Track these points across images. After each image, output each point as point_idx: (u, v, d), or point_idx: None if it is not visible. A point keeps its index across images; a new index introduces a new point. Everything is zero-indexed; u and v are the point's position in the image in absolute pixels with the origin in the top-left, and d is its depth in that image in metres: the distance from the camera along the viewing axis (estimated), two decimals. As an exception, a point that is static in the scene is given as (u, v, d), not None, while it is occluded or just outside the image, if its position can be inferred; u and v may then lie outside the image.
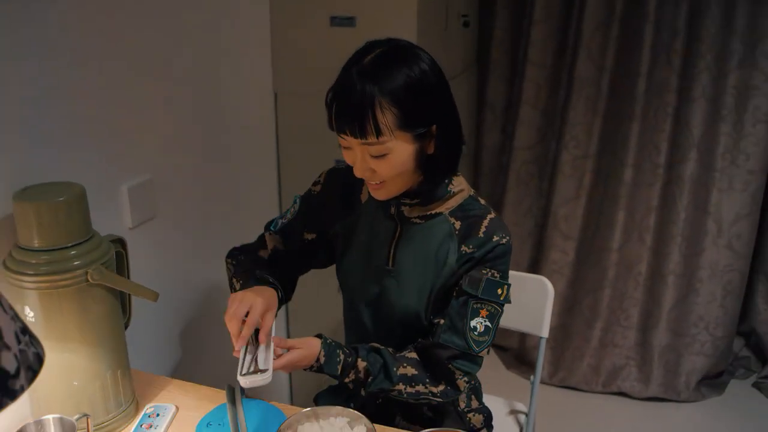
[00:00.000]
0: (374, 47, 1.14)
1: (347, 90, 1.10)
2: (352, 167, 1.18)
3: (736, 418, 2.56)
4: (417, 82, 1.11)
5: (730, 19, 2.31)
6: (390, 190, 1.20)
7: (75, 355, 1.11)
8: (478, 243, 1.22)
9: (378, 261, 1.30)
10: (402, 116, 1.10)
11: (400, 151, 1.13)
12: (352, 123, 1.10)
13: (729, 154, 2.44)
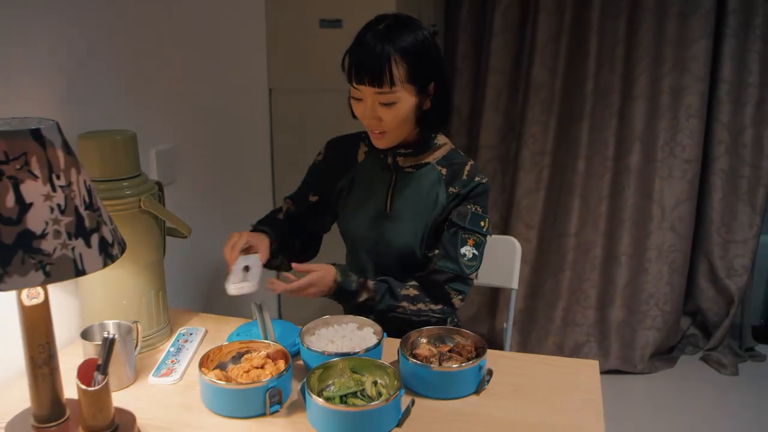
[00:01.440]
0: (384, 18, 1.40)
1: (367, 48, 1.34)
2: (354, 135, 1.46)
3: (687, 387, 2.82)
4: (421, 43, 1.36)
5: (663, 29, 2.65)
6: (391, 139, 1.43)
7: (126, 274, 1.31)
8: (463, 183, 1.47)
9: (377, 208, 1.53)
10: (410, 70, 1.34)
11: (405, 102, 1.37)
12: (371, 74, 1.32)
13: (668, 146, 2.76)
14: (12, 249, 0.87)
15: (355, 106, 1.41)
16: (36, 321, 1.01)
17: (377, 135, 1.43)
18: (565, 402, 1.19)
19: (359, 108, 1.40)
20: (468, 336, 1.30)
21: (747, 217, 2.80)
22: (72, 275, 0.91)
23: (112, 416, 1.05)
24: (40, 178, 0.90)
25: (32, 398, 1.05)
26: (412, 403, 1.14)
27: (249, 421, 1.12)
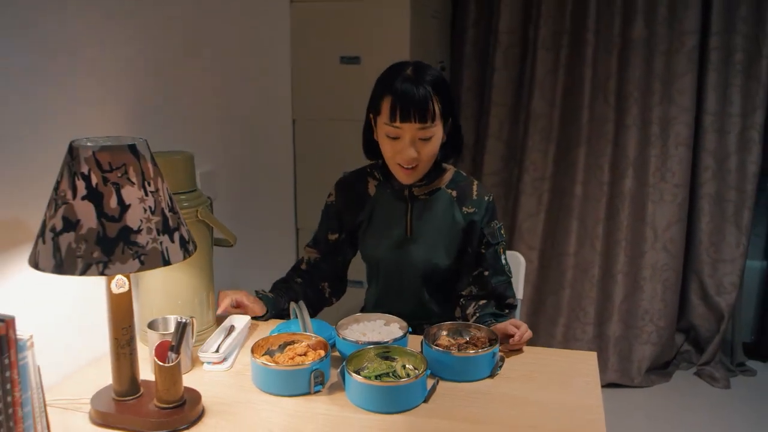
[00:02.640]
0: (407, 64, 1.55)
1: (409, 91, 1.48)
2: (359, 171, 1.70)
3: (682, 400, 2.98)
4: (444, 81, 1.56)
5: (651, 64, 2.89)
6: (420, 172, 1.59)
7: (183, 276, 1.50)
8: (475, 204, 1.66)
9: (399, 234, 1.68)
10: (443, 106, 1.52)
11: (438, 135, 1.54)
12: (417, 112, 1.48)
13: (658, 172, 2.97)
14: (115, 241, 1.06)
15: (390, 144, 1.55)
16: (121, 307, 1.19)
17: (408, 171, 1.57)
18: (568, 384, 1.37)
19: (395, 145, 1.54)
20: (482, 329, 1.49)
21: (734, 237, 3.00)
22: (160, 264, 1.10)
23: (182, 391, 1.23)
24: (136, 184, 1.09)
25: (114, 375, 1.23)
26: (437, 383, 1.33)
27: (295, 398, 1.30)
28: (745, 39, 2.81)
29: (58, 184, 1.09)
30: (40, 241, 1.09)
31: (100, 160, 1.07)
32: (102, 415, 1.21)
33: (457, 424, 1.21)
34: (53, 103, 1.33)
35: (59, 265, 1.06)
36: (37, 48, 1.28)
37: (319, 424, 1.21)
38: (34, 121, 1.29)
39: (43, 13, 1.29)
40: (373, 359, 1.37)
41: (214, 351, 1.45)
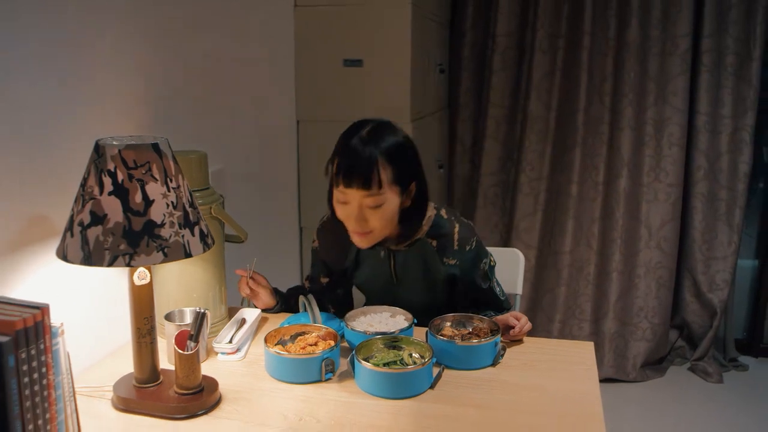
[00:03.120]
0: (365, 123, 1.48)
1: (354, 153, 1.42)
2: (340, 221, 1.53)
3: (676, 394, 3.06)
4: (403, 145, 1.48)
5: (645, 67, 2.96)
6: (374, 239, 1.52)
7: (198, 270, 1.56)
8: (457, 255, 1.61)
9: (385, 279, 1.67)
10: (395, 172, 1.44)
11: (390, 203, 1.46)
12: (360, 177, 1.40)
13: (653, 172, 3.04)
14: (140, 234, 1.12)
15: (340, 209, 1.49)
16: (143, 298, 1.25)
17: (361, 234, 1.50)
18: (567, 372, 1.44)
19: (344, 210, 1.48)
20: (484, 320, 1.55)
21: (726, 235, 3.07)
22: (182, 256, 1.17)
23: (200, 378, 1.29)
24: (159, 180, 1.16)
25: (135, 363, 1.29)
26: (442, 370, 1.39)
27: (307, 386, 1.36)
28: (736, 42, 2.89)
29: (85, 180, 1.15)
30: (68, 234, 1.15)
31: (126, 158, 1.13)
32: (124, 401, 1.27)
33: (461, 409, 1.27)
34: (71, 103, 1.39)
35: (88, 257, 1.12)
36: (56, 47, 1.35)
37: (330, 408, 1.27)
38: (53, 120, 1.35)
39: (64, 15, 1.35)
40: (381, 348, 1.43)
41: (228, 342, 1.51)
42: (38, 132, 1.30)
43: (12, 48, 1.22)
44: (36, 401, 0.99)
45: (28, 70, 1.27)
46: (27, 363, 0.97)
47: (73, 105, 1.39)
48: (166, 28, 1.71)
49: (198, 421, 1.24)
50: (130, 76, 1.58)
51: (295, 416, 1.25)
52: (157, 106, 1.69)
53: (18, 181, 1.26)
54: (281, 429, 1.20)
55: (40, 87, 1.30)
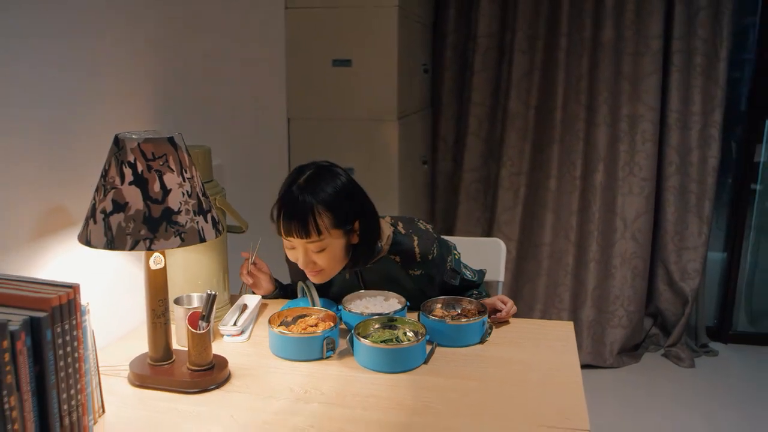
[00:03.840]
0: (304, 170, 1.52)
1: (291, 203, 1.47)
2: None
3: (651, 378, 3.20)
4: (341, 190, 1.50)
5: (619, 66, 3.10)
6: (327, 274, 1.59)
7: (203, 258, 1.66)
8: (420, 266, 1.67)
9: (356, 289, 1.71)
10: (334, 217, 1.49)
11: (335, 245, 1.52)
12: (297, 227, 1.46)
13: (627, 167, 3.19)
14: (159, 221, 1.22)
15: (289, 253, 1.57)
16: (158, 281, 1.35)
17: (313, 274, 1.57)
18: (549, 347, 1.56)
19: (293, 254, 1.55)
20: (473, 302, 1.67)
21: (696, 227, 3.23)
22: (197, 241, 1.26)
23: (211, 356, 1.39)
24: (175, 171, 1.25)
25: (150, 343, 1.39)
26: (434, 347, 1.51)
27: (309, 363, 1.47)
28: (704, 43, 3.04)
29: (105, 171, 1.25)
30: (90, 222, 1.24)
31: (145, 151, 1.23)
32: (140, 377, 1.36)
33: (453, 381, 1.39)
34: (85, 101, 1.49)
35: (111, 242, 1.21)
36: (71, 46, 1.44)
37: (333, 382, 1.38)
38: (69, 116, 1.44)
39: (80, 25, 1.45)
40: (378, 328, 1.53)
41: (233, 325, 1.61)
42: (55, 128, 1.39)
43: (25, 58, 1.31)
44: (69, 372, 1.09)
45: (46, 73, 1.36)
46: (61, 337, 1.07)
47: (86, 103, 1.48)
48: (168, 31, 1.81)
49: (210, 395, 1.34)
50: (138, 76, 1.67)
51: (301, 389, 1.35)
52: (157, 103, 1.78)
53: (37, 174, 1.35)
54: (289, 400, 1.31)
55: (57, 88, 1.39)
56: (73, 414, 1.10)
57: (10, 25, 1.25)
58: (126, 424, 1.23)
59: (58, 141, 1.40)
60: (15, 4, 1.26)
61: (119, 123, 1.60)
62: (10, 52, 1.26)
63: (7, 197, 1.27)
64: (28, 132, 1.31)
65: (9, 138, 1.27)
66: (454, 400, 1.31)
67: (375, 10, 2.51)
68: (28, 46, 1.30)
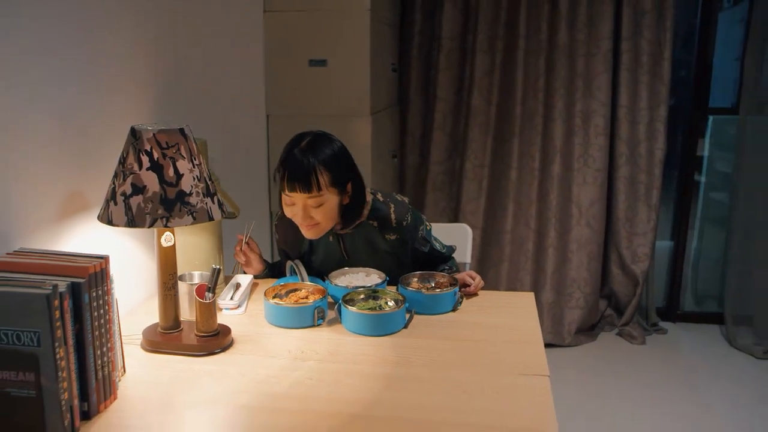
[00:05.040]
0: (305, 136, 1.72)
1: (295, 163, 1.67)
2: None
3: (606, 356, 3.45)
4: (337, 153, 1.72)
5: (573, 66, 3.35)
6: (321, 229, 1.77)
7: (202, 241, 1.82)
8: (396, 230, 1.87)
9: (338, 259, 1.92)
10: (332, 176, 1.69)
11: (331, 202, 1.72)
12: (301, 183, 1.66)
13: (581, 158, 3.43)
14: (174, 202, 1.39)
15: (288, 210, 1.75)
16: (168, 257, 1.52)
17: (308, 228, 1.76)
18: (512, 313, 1.77)
19: (291, 210, 1.74)
20: (445, 276, 1.87)
21: (645, 214, 3.49)
22: (206, 219, 1.44)
23: (217, 324, 1.56)
24: (186, 158, 1.42)
25: (161, 313, 1.55)
26: (413, 314, 1.70)
27: (302, 330, 1.65)
28: (650, 44, 3.30)
29: (123, 159, 1.41)
30: (111, 203, 1.41)
31: (159, 140, 1.40)
32: (152, 343, 1.53)
33: (430, 341, 1.59)
34: (95, 96, 1.64)
35: (131, 221, 1.38)
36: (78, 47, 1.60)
37: (325, 345, 1.56)
38: (81, 109, 1.60)
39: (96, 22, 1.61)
40: (362, 299, 1.72)
41: (230, 299, 1.78)
42: (71, 120, 1.55)
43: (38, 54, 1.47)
44: (102, 332, 1.25)
45: (68, 74, 1.51)
46: (96, 300, 1.23)
47: (96, 97, 1.64)
48: (157, 36, 1.97)
49: (217, 357, 1.51)
50: (137, 74, 1.83)
51: (298, 350, 1.53)
52: (148, 100, 1.94)
53: (57, 160, 1.50)
54: (287, 359, 1.49)
55: (74, 85, 1.55)
56: (105, 369, 1.27)
57: (34, 18, 1.41)
58: (147, 381, 1.39)
59: (75, 130, 1.56)
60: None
61: (119, 115, 1.75)
62: (30, 47, 1.41)
63: (34, 183, 1.43)
64: (46, 122, 1.47)
65: (27, 125, 1.42)
66: (432, 356, 1.51)
67: (348, 14, 2.69)
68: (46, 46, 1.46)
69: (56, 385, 1.12)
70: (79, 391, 1.20)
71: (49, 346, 1.10)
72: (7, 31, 1.32)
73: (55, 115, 1.49)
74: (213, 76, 2.35)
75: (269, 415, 1.25)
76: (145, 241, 1.89)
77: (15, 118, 1.36)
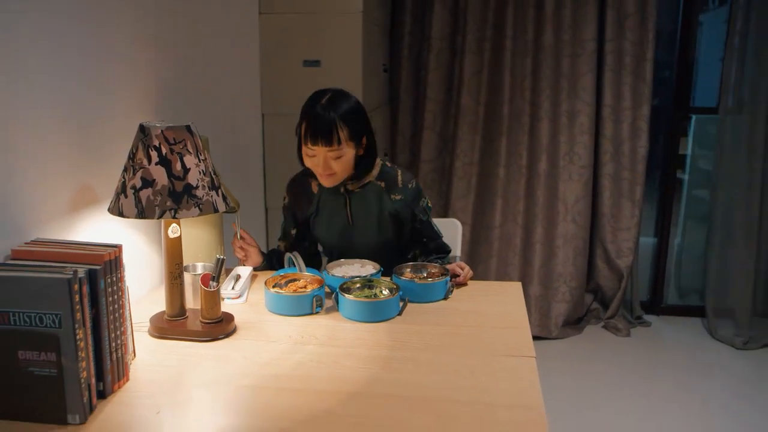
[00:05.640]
0: (324, 93, 1.87)
1: (318, 118, 1.81)
2: (303, 173, 2.01)
3: (592, 348, 3.55)
4: (355, 110, 1.87)
5: (559, 66, 3.45)
6: (338, 178, 1.92)
7: (204, 234, 1.90)
8: (401, 191, 2.01)
9: (342, 223, 2.03)
10: (350, 131, 1.84)
11: (348, 154, 1.86)
12: (324, 137, 1.80)
13: (567, 156, 3.54)
14: (182, 194, 1.47)
15: (309, 161, 1.89)
16: (175, 248, 1.60)
17: (327, 177, 1.90)
18: (501, 301, 1.86)
19: (312, 161, 1.88)
20: (436, 267, 1.96)
21: (629, 210, 3.60)
22: (212, 211, 1.52)
23: (221, 311, 1.64)
24: (192, 153, 1.50)
25: (167, 300, 1.63)
26: (406, 302, 1.79)
27: (301, 317, 1.73)
28: (633, 45, 3.41)
29: (133, 154, 1.49)
30: (121, 196, 1.49)
31: (167, 136, 1.48)
32: (159, 329, 1.61)
33: (423, 327, 1.67)
34: (102, 95, 1.72)
35: (141, 212, 1.46)
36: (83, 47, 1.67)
37: (323, 331, 1.65)
38: (89, 107, 1.68)
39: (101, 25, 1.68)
40: (358, 288, 1.81)
41: (232, 289, 1.86)
42: (77, 117, 1.63)
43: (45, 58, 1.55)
44: (116, 316, 1.33)
45: (73, 71, 1.59)
46: (110, 286, 1.31)
47: (99, 95, 1.72)
48: (160, 33, 2.05)
49: (222, 342, 1.59)
50: (137, 74, 1.91)
51: (298, 336, 1.62)
52: (150, 97, 2.02)
53: (68, 156, 1.58)
54: (289, 344, 1.57)
55: (78, 82, 1.62)
56: (118, 351, 1.34)
57: (47, 15, 1.49)
58: (155, 364, 1.47)
59: (81, 127, 1.63)
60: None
61: (120, 113, 1.83)
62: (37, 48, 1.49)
63: (46, 176, 1.50)
64: (55, 118, 1.55)
65: (39, 119, 1.50)
66: (425, 340, 1.60)
67: (341, 16, 2.78)
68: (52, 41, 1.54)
69: (76, 364, 1.20)
70: (96, 372, 1.28)
71: (70, 328, 1.18)
72: (27, 30, 1.40)
73: (63, 111, 1.56)
74: (211, 75, 2.43)
75: (273, 394, 1.34)
76: (149, 234, 1.97)
77: (27, 113, 1.43)
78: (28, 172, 1.44)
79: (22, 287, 1.18)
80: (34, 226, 1.46)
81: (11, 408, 1.22)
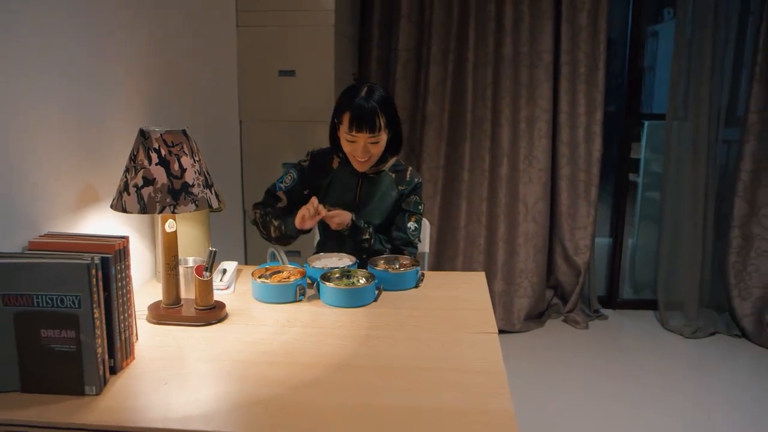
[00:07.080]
0: (360, 86, 2.06)
1: (361, 108, 2.01)
2: (330, 149, 2.20)
3: (553, 340, 3.77)
4: (390, 101, 2.10)
5: (518, 76, 3.67)
6: (371, 161, 2.13)
7: (193, 230, 2.06)
8: (407, 183, 2.24)
9: (349, 199, 2.25)
10: (387, 120, 2.07)
11: (383, 140, 2.09)
12: (368, 125, 2.01)
13: (527, 160, 3.76)
14: (179, 192, 1.63)
15: (348, 146, 2.09)
16: (171, 241, 1.75)
17: (363, 162, 2.11)
18: (468, 288, 2.06)
19: (351, 146, 2.08)
20: (408, 258, 2.15)
21: (585, 209, 3.84)
22: (206, 207, 1.68)
23: (213, 299, 1.80)
24: (188, 155, 1.67)
25: (164, 290, 1.79)
26: (381, 290, 1.98)
27: (286, 305, 1.90)
28: (586, 56, 3.65)
29: (134, 156, 1.65)
30: (124, 194, 1.64)
31: (166, 139, 1.64)
32: (157, 315, 1.76)
33: (398, 311, 1.86)
34: (100, 100, 1.88)
35: (143, 209, 1.62)
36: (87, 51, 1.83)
37: (307, 315, 1.82)
38: (88, 110, 1.83)
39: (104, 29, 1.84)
40: (337, 278, 1.98)
41: (220, 281, 2.02)
42: (80, 117, 1.78)
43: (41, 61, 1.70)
44: (124, 300, 1.49)
45: (74, 74, 1.74)
46: (120, 273, 1.47)
47: (96, 99, 1.87)
48: (142, 52, 2.20)
49: (215, 327, 1.75)
50: (129, 81, 2.06)
51: (285, 320, 1.79)
52: (141, 103, 2.17)
53: (73, 158, 1.73)
54: (276, 327, 1.74)
55: (81, 91, 1.78)
56: (126, 332, 1.50)
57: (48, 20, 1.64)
58: (156, 345, 1.63)
59: (83, 128, 1.79)
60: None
61: (120, 121, 1.99)
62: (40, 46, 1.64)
63: (55, 176, 1.65)
64: (63, 118, 1.70)
65: (44, 117, 1.65)
66: (399, 320, 1.78)
67: (314, 29, 2.96)
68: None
69: (94, 340, 1.35)
70: (108, 349, 1.43)
71: (89, 308, 1.34)
72: (36, 33, 1.55)
73: (71, 111, 1.71)
74: (188, 85, 2.58)
75: (265, 366, 1.50)
76: (141, 231, 2.12)
77: (38, 113, 1.58)
78: (41, 172, 1.59)
79: (45, 273, 1.33)
80: (45, 221, 1.61)
81: (35, 381, 1.37)
